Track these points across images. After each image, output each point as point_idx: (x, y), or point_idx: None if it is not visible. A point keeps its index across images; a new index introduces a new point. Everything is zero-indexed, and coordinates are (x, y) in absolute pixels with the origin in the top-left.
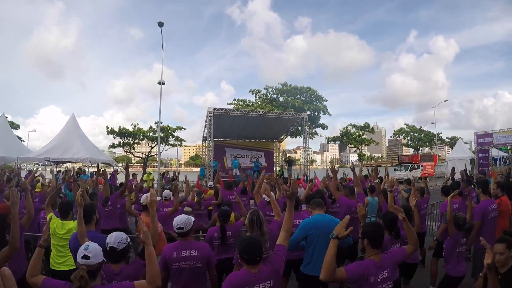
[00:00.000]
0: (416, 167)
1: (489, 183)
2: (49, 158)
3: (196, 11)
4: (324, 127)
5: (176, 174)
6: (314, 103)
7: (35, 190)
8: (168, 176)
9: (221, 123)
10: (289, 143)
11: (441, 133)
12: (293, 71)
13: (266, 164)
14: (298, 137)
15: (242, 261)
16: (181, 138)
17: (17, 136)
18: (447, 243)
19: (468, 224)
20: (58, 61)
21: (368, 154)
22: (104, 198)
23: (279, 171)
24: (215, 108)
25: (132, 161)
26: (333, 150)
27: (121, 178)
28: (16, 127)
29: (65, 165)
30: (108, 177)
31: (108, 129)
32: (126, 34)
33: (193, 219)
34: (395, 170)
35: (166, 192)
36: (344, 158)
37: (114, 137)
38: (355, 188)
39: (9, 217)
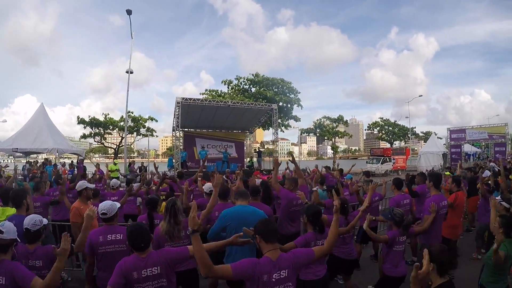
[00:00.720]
0: (387, 160)
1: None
2: (17, 148)
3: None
4: (296, 119)
5: (145, 165)
6: (288, 94)
7: None
8: (134, 166)
9: (191, 114)
10: (268, 135)
11: (415, 127)
12: (274, 63)
13: (236, 155)
14: (270, 128)
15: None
16: (152, 129)
17: None
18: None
19: (406, 220)
20: (34, 48)
21: (345, 146)
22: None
23: (248, 161)
24: (183, 98)
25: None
26: (311, 142)
27: (91, 168)
28: None
29: (37, 156)
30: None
31: (79, 119)
32: (105, 21)
33: (117, 205)
34: (366, 163)
35: (113, 181)
36: (322, 150)
37: (84, 127)
38: (297, 180)
39: None
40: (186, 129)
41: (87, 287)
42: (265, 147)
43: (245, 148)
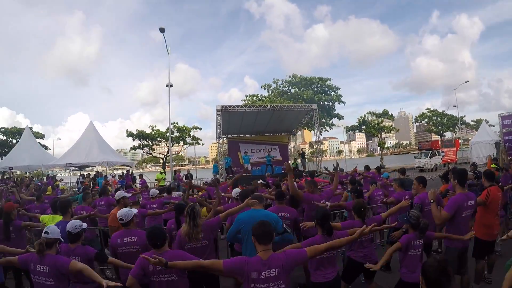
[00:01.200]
0: (436, 153)
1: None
2: (71, 163)
3: (213, 9)
4: (339, 117)
5: (190, 172)
6: (328, 93)
7: (47, 193)
8: (180, 174)
9: (233, 120)
10: (316, 135)
11: (464, 116)
12: (316, 62)
13: (280, 158)
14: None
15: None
16: (197, 137)
17: (43, 145)
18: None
19: (423, 223)
20: (82, 69)
21: (396, 141)
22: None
23: (292, 163)
24: (223, 106)
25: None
26: (360, 139)
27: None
28: (42, 136)
29: (92, 169)
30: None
31: (127, 132)
32: (147, 37)
33: (134, 211)
34: (415, 157)
35: (152, 191)
36: (372, 147)
37: (133, 139)
38: (316, 182)
39: (13, 213)
40: (230, 136)
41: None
42: (314, 147)
43: (289, 150)
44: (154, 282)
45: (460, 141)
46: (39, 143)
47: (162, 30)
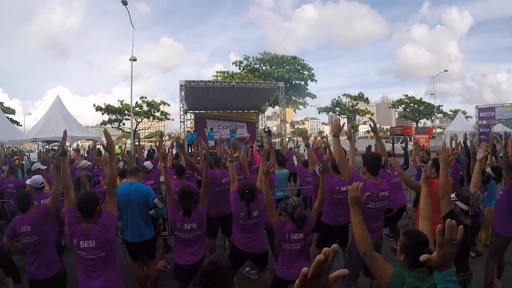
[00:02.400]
0: (408, 139)
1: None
2: (36, 138)
3: None
4: (312, 96)
5: (153, 148)
6: (301, 71)
7: None
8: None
9: (199, 96)
10: (299, 115)
11: (441, 105)
12: (303, 42)
13: (248, 135)
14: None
15: None
16: (166, 113)
17: (15, 120)
18: None
19: (297, 213)
20: (64, 41)
21: (377, 126)
22: None
23: (258, 141)
24: (186, 81)
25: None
26: (342, 121)
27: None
28: (12, 112)
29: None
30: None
31: (95, 106)
32: (131, 9)
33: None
34: (386, 142)
35: (83, 162)
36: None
37: (102, 114)
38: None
39: None
40: (197, 111)
41: None
42: (295, 127)
43: (256, 128)
44: (24, 243)
45: (435, 130)
46: (11, 118)
47: (124, 2)
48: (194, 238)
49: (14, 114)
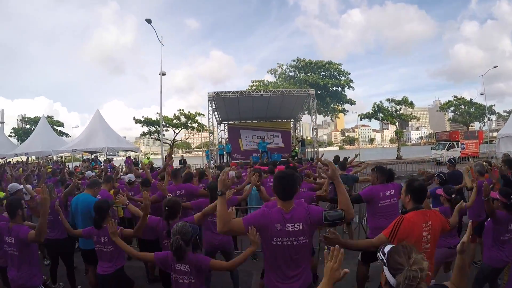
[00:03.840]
0: (455, 145)
1: None
2: (76, 149)
3: None
4: (352, 102)
5: (184, 158)
6: (338, 77)
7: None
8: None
9: (229, 107)
10: (349, 122)
11: (494, 105)
12: (352, 48)
13: (283, 145)
14: (320, 114)
15: None
16: (202, 124)
17: (64, 132)
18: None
19: None
20: (118, 58)
21: (430, 131)
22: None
23: (292, 151)
24: (214, 92)
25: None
26: (393, 127)
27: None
28: (61, 124)
29: (93, 154)
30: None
31: (135, 119)
32: (182, 25)
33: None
34: (431, 149)
35: (127, 176)
36: (406, 136)
37: (141, 126)
38: None
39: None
40: (231, 122)
41: None
42: (346, 135)
43: (292, 137)
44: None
45: (486, 133)
46: (60, 130)
47: (148, 21)
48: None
49: (63, 127)
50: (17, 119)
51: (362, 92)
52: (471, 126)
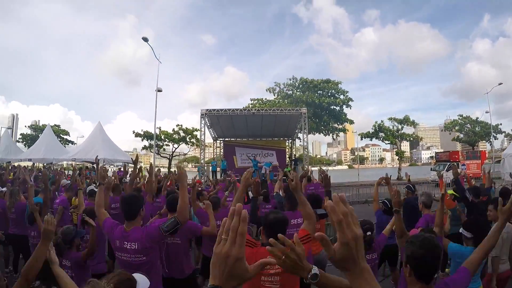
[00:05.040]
0: (456, 166)
1: None
2: (75, 158)
3: (259, 13)
4: (350, 121)
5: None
6: (336, 96)
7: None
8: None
9: (224, 124)
10: (360, 142)
11: (500, 124)
12: (364, 66)
13: (277, 163)
14: (319, 133)
15: None
16: (199, 139)
17: (70, 140)
18: None
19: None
20: (134, 70)
21: (441, 151)
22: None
23: (285, 170)
24: (207, 110)
25: None
26: (404, 147)
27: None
28: (67, 133)
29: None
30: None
31: (134, 133)
32: (197, 40)
33: None
34: (431, 169)
35: (62, 181)
36: (416, 156)
37: (142, 140)
38: None
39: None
40: (227, 139)
41: None
42: (356, 154)
43: (287, 155)
44: None
45: (492, 153)
46: (66, 139)
47: (145, 39)
48: None
49: (70, 136)
50: (25, 125)
51: (374, 110)
52: (483, 145)
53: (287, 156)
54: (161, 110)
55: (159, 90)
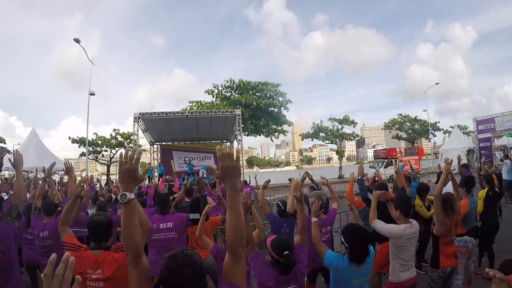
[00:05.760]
0: (392, 162)
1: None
2: (8, 167)
3: (208, 15)
4: (290, 123)
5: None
6: (275, 98)
7: None
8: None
9: (159, 127)
10: (307, 142)
11: (438, 122)
12: (312, 69)
13: (215, 166)
14: (259, 135)
15: None
16: (139, 145)
17: (6, 149)
18: None
19: None
20: (80, 73)
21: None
22: None
23: None
24: (140, 113)
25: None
26: (350, 146)
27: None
28: (3, 141)
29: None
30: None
31: (70, 139)
32: (144, 42)
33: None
34: (370, 167)
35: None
36: (362, 154)
37: (79, 146)
38: None
39: None
40: (164, 143)
41: None
42: (304, 155)
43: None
44: None
45: (430, 149)
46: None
47: (77, 40)
48: None
49: (5, 143)
50: None
51: (321, 111)
52: (426, 144)
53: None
54: (108, 115)
55: (92, 94)
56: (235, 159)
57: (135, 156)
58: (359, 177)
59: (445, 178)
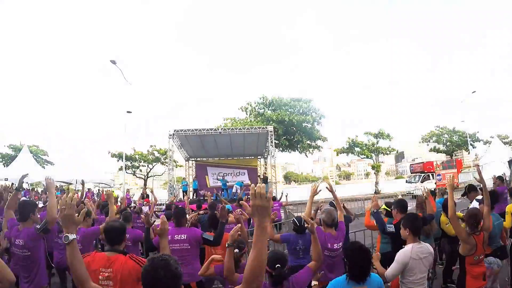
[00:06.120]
0: (430, 177)
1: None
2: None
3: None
4: (323, 139)
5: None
6: (308, 114)
7: None
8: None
9: (193, 144)
10: (344, 157)
11: (477, 132)
12: (347, 82)
13: (249, 182)
14: (293, 151)
15: None
16: (174, 160)
17: (48, 161)
18: None
19: None
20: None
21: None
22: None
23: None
24: (175, 130)
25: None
26: (389, 160)
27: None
28: (45, 153)
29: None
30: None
31: (109, 153)
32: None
33: None
34: (406, 181)
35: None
36: (401, 168)
37: (117, 161)
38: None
39: None
40: (199, 159)
41: None
42: (342, 170)
43: (258, 175)
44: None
45: (467, 162)
46: (44, 158)
47: (113, 62)
48: None
49: (48, 156)
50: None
51: (357, 126)
52: (455, 155)
53: (257, 175)
54: (145, 131)
55: (129, 112)
56: (266, 199)
57: (72, 202)
58: (374, 210)
59: (451, 193)
